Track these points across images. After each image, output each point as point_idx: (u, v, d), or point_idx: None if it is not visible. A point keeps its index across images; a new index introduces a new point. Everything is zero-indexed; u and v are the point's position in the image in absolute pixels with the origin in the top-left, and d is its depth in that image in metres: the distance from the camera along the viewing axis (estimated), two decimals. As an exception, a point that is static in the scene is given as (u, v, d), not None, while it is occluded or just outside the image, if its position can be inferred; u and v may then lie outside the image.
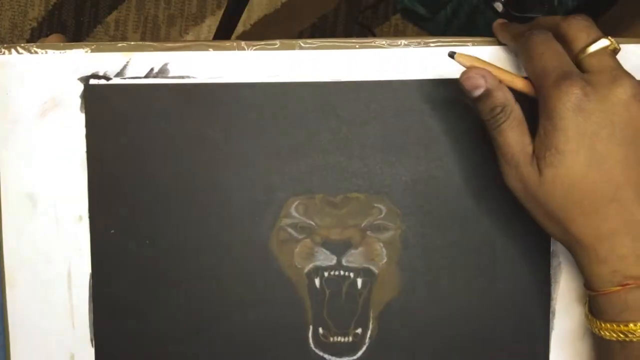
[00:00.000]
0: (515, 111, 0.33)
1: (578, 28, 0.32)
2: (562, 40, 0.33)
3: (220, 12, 0.90)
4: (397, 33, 1.10)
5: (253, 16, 1.12)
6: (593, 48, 0.32)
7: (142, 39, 1.12)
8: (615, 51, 0.33)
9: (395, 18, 1.10)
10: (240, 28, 1.10)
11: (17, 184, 0.38)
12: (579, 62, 0.32)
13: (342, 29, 1.11)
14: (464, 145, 0.39)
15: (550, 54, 0.32)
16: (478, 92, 0.33)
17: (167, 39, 1.13)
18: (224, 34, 0.88)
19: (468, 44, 0.38)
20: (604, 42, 0.32)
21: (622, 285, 0.30)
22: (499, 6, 0.66)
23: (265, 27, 1.11)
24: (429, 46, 0.38)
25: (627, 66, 0.38)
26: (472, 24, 0.70)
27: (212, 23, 1.13)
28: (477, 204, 0.39)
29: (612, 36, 0.33)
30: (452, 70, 0.39)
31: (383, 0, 1.09)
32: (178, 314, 0.39)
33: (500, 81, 0.33)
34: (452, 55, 0.34)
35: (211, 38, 0.96)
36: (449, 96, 0.39)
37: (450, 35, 0.39)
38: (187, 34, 1.13)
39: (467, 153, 0.39)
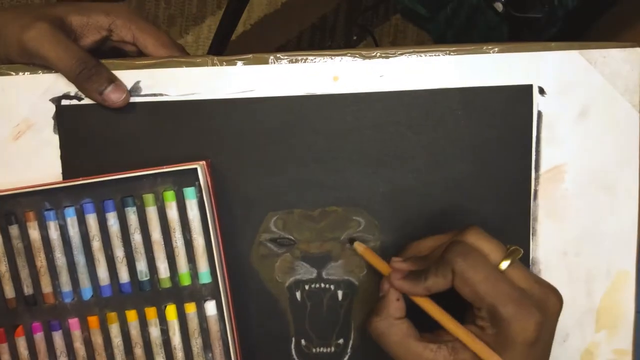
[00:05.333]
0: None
1: (486, 243, 0.30)
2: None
3: (220, 12, 0.87)
4: (397, 33, 1.06)
5: (253, 16, 1.08)
6: (506, 264, 0.29)
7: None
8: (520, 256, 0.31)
9: (395, 18, 1.06)
10: (240, 28, 1.07)
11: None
12: None
13: (342, 30, 1.07)
14: (440, 156, 0.37)
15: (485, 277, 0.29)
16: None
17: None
18: (224, 33, 0.85)
19: (439, 54, 0.36)
20: (515, 254, 0.30)
21: None
22: (499, 6, 0.63)
23: (265, 27, 1.08)
24: (407, 57, 0.36)
25: (605, 72, 0.36)
26: (472, 24, 0.67)
27: (212, 23, 1.09)
28: (454, 214, 0.37)
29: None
30: (429, 82, 0.36)
31: (383, 1, 1.05)
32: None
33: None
34: (351, 241, 0.36)
35: (211, 38, 0.93)
36: (426, 108, 0.36)
37: (450, 35, 0.37)
38: (188, 34, 1.09)
39: (444, 164, 0.37)
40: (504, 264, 0.29)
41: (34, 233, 0.35)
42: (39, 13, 0.35)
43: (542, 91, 0.36)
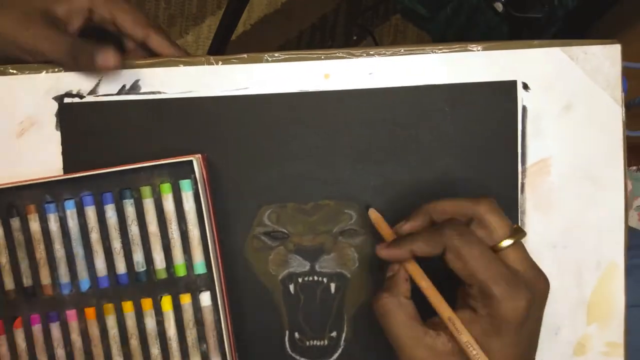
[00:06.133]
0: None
1: (495, 218, 0.31)
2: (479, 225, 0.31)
3: (220, 12, 0.88)
4: (397, 33, 1.08)
5: (253, 16, 1.09)
6: (508, 242, 0.30)
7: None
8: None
9: (395, 18, 1.07)
10: (240, 28, 1.08)
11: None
12: (495, 249, 0.31)
13: (342, 29, 1.08)
14: (429, 151, 0.38)
15: (479, 254, 0.29)
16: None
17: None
18: (224, 33, 0.86)
19: (427, 52, 0.37)
20: (519, 235, 0.31)
21: None
22: (499, 6, 0.64)
23: (265, 27, 1.09)
24: (395, 55, 0.37)
25: (587, 68, 0.37)
26: (472, 24, 0.68)
27: (212, 23, 1.10)
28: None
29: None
30: (419, 79, 0.38)
31: (383, 1, 1.07)
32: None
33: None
34: (367, 208, 0.36)
35: (211, 38, 0.94)
36: (414, 104, 0.38)
37: (450, 36, 0.38)
38: (188, 34, 1.10)
39: (433, 159, 0.38)
40: (506, 242, 0.30)
41: (35, 225, 0.36)
42: (27, 8, 0.36)
43: (526, 87, 0.37)
